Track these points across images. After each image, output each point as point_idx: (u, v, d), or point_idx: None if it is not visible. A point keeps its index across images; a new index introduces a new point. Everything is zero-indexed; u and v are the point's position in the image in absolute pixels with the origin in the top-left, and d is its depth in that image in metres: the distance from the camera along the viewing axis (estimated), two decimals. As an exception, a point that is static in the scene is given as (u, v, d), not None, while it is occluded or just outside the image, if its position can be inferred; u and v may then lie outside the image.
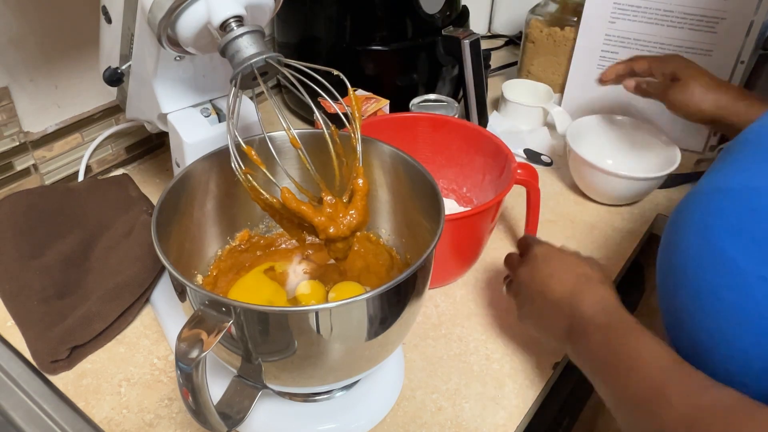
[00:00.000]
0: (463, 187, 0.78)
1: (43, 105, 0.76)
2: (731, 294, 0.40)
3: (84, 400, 0.58)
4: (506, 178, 0.67)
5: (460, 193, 0.78)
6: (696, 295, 0.43)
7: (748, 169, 0.43)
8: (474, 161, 0.75)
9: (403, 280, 0.43)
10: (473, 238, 0.68)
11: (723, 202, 0.43)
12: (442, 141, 0.76)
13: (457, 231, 0.63)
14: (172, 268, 0.42)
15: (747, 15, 0.83)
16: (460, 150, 0.75)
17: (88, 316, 0.61)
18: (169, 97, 0.62)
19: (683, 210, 0.46)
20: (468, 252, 0.70)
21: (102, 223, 0.73)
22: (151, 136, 0.89)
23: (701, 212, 0.44)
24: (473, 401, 0.58)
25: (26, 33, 0.71)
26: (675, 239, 0.46)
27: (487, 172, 0.73)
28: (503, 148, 0.70)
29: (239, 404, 0.49)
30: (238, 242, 0.61)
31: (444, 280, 0.71)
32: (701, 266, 0.42)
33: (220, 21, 0.48)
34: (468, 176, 0.77)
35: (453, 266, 0.70)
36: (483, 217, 0.65)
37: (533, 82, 1.00)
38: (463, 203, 0.78)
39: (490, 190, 0.73)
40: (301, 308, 0.44)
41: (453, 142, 0.76)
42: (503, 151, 0.70)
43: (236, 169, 0.48)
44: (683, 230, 0.45)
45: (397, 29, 0.88)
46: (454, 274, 0.71)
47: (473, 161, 0.75)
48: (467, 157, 0.75)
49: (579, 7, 0.94)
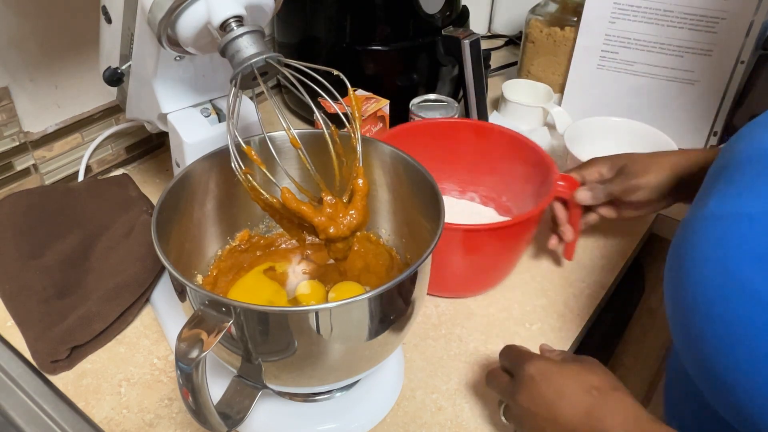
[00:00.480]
0: (503, 195, 0.76)
1: (43, 105, 0.76)
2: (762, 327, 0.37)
3: (84, 400, 0.58)
4: (547, 189, 0.66)
5: (500, 202, 0.77)
6: (725, 332, 0.39)
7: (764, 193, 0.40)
8: (515, 170, 0.73)
9: (403, 280, 0.43)
10: (512, 248, 0.67)
11: (741, 229, 0.39)
12: (485, 148, 0.75)
13: (497, 241, 0.63)
14: (172, 268, 0.42)
15: (747, 15, 0.83)
16: (502, 158, 0.74)
17: (88, 316, 0.61)
18: (169, 97, 0.62)
19: (689, 239, 0.43)
20: (505, 262, 0.68)
21: (102, 223, 0.73)
22: (151, 136, 0.89)
23: (716, 241, 0.40)
24: (473, 401, 0.58)
25: (27, 33, 0.71)
26: (687, 271, 0.42)
27: (528, 181, 0.72)
28: (546, 159, 0.68)
29: (239, 404, 0.49)
30: (238, 242, 0.61)
31: (479, 289, 0.70)
32: (726, 300, 0.39)
33: (220, 21, 0.48)
34: (508, 185, 0.75)
35: (490, 276, 0.69)
36: (523, 228, 0.64)
37: (533, 82, 1.00)
38: (502, 212, 0.77)
39: (530, 200, 0.71)
40: (301, 308, 0.44)
41: (495, 150, 0.74)
42: (546, 161, 0.68)
43: (236, 169, 0.48)
44: (697, 261, 0.41)
45: (397, 29, 0.88)
46: (490, 283, 0.70)
47: (514, 170, 0.73)
48: (509, 166, 0.74)
49: (579, 7, 0.94)
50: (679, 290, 0.43)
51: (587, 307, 0.69)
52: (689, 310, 0.42)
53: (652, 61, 0.91)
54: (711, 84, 0.89)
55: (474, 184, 0.78)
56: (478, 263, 0.66)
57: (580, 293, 0.71)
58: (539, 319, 0.67)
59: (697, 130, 0.91)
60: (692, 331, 0.42)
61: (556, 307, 0.69)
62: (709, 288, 0.40)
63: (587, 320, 0.68)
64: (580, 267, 0.74)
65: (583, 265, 0.74)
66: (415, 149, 0.74)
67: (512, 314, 0.68)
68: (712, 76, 0.89)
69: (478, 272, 0.68)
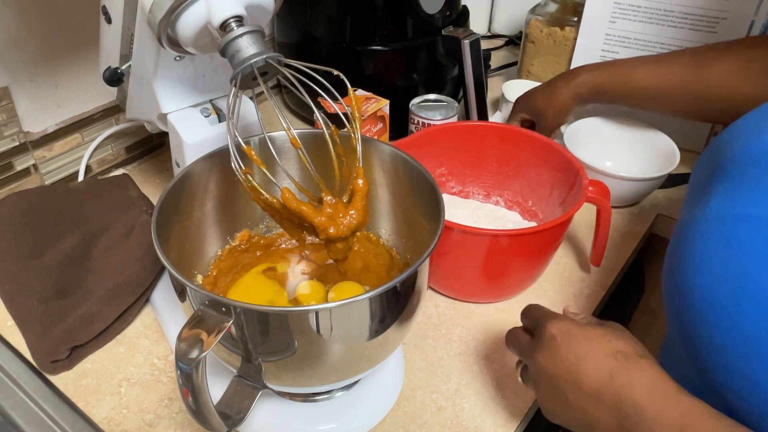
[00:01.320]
0: (529, 200, 0.75)
1: (43, 105, 0.76)
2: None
3: (84, 400, 0.58)
4: (576, 194, 0.64)
5: (525, 207, 0.75)
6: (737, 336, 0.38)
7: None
8: (542, 175, 0.72)
9: (403, 280, 0.43)
10: (539, 255, 0.65)
11: (750, 230, 0.38)
12: (510, 152, 0.74)
13: (523, 247, 0.62)
14: (172, 268, 0.42)
15: (747, 15, 0.83)
16: (528, 162, 0.73)
17: (88, 316, 0.61)
18: (169, 97, 0.62)
19: (690, 240, 0.41)
20: (531, 270, 0.67)
21: (102, 223, 0.73)
22: (151, 136, 0.89)
23: (725, 244, 0.39)
24: (473, 401, 0.58)
25: (27, 33, 0.71)
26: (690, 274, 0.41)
27: (555, 186, 0.70)
28: (575, 163, 0.67)
29: (239, 404, 0.49)
30: (238, 242, 0.61)
31: (504, 295, 0.69)
32: (736, 304, 0.37)
33: (220, 21, 0.48)
34: (534, 190, 0.74)
35: (515, 282, 0.68)
36: (550, 234, 0.63)
37: (534, 83, 1.00)
38: (527, 217, 0.75)
39: (557, 205, 0.70)
40: (301, 308, 0.44)
41: (521, 154, 0.73)
42: (574, 166, 0.67)
43: (236, 169, 0.48)
44: (701, 264, 0.40)
45: (397, 29, 0.88)
46: (514, 290, 0.69)
47: (541, 174, 0.72)
48: (535, 170, 0.73)
49: (579, 7, 0.94)
50: (681, 295, 0.42)
51: (587, 307, 0.69)
52: (694, 316, 0.40)
53: (653, 61, 0.91)
54: (711, 84, 0.89)
55: (499, 189, 0.77)
56: (502, 269, 0.65)
57: (580, 293, 0.71)
58: (539, 319, 0.67)
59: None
60: (700, 336, 0.40)
61: (556, 307, 0.68)
62: (716, 292, 0.39)
63: (587, 320, 0.68)
64: (580, 267, 0.74)
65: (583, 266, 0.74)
66: (438, 153, 0.75)
67: (512, 314, 0.68)
68: (712, 76, 0.88)
69: (500, 278, 0.66)
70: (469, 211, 0.76)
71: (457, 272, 0.65)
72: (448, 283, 0.68)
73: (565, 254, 0.76)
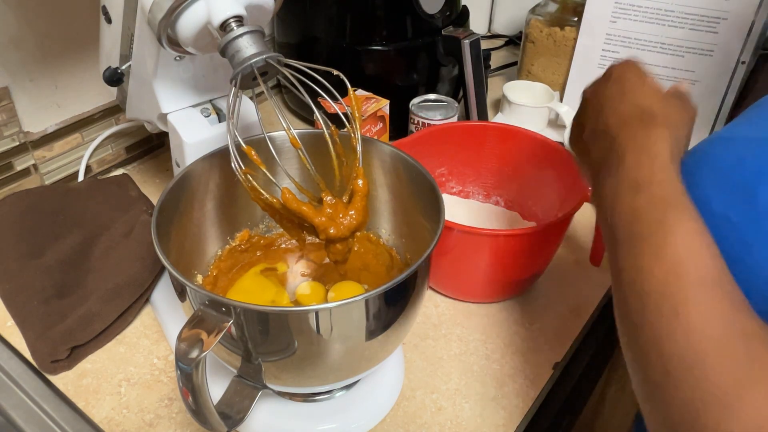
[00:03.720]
0: (529, 200, 0.74)
1: (43, 105, 0.76)
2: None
3: (84, 400, 0.58)
4: (576, 194, 0.64)
5: (525, 207, 0.75)
6: None
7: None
8: (542, 175, 0.71)
9: (403, 280, 0.43)
10: (539, 255, 0.65)
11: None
12: (510, 152, 0.74)
13: (523, 247, 0.62)
14: (172, 268, 0.42)
15: (748, 15, 0.83)
16: (529, 162, 0.72)
17: (88, 316, 0.61)
18: (169, 97, 0.62)
19: (724, 159, 0.40)
20: (531, 270, 0.67)
21: (102, 223, 0.73)
22: (151, 136, 0.89)
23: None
24: (473, 401, 0.58)
25: (26, 33, 0.71)
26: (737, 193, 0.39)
27: (555, 186, 0.70)
28: (575, 163, 0.67)
29: (239, 404, 0.49)
30: (238, 242, 0.61)
31: (504, 295, 0.69)
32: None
33: (220, 21, 0.48)
34: (535, 190, 0.73)
35: (515, 282, 0.67)
36: (550, 234, 0.63)
37: (533, 83, 1.00)
38: (528, 217, 0.75)
39: (557, 205, 0.69)
40: (301, 308, 0.44)
41: (521, 154, 0.73)
42: (575, 165, 0.66)
43: (236, 169, 0.48)
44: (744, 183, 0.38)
45: (397, 29, 0.88)
46: (514, 290, 0.69)
47: (541, 174, 0.71)
48: (535, 170, 0.72)
49: (579, 7, 0.94)
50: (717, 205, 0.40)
51: (587, 307, 0.69)
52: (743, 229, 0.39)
53: (653, 61, 0.91)
54: (712, 84, 0.89)
55: (499, 189, 0.77)
56: (501, 270, 0.65)
57: (580, 293, 0.71)
58: (539, 319, 0.67)
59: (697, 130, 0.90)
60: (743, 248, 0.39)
61: (556, 306, 0.69)
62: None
63: (587, 320, 0.68)
64: (579, 267, 0.74)
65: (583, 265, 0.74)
66: (438, 153, 0.75)
67: (512, 314, 0.68)
68: (712, 76, 0.89)
69: (500, 278, 0.66)
70: (469, 211, 0.76)
71: (457, 272, 0.65)
72: (448, 283, 0.68)
73: (565, 254, 0.76)
